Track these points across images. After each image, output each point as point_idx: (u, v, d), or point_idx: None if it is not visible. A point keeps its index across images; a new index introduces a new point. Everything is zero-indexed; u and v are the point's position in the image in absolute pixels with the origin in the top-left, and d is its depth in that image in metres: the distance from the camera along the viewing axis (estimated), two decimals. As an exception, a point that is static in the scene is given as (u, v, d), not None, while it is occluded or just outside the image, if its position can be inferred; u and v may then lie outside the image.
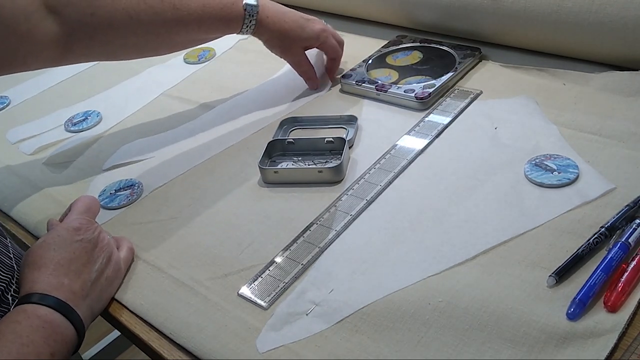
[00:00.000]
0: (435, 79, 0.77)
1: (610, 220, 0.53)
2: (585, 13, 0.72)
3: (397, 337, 0.48)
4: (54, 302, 0.50)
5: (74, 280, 0.53)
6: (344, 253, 0.57)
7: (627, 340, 0.45)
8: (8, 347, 0.46)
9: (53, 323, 0.49)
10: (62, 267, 0.53)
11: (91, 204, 0.61)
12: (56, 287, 0.51)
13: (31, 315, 0.49)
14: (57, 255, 0.54)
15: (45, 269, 0.52)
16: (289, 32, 0.77)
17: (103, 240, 0.58)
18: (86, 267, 0.54)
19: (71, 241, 0.55)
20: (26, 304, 0.50)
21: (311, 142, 0.71)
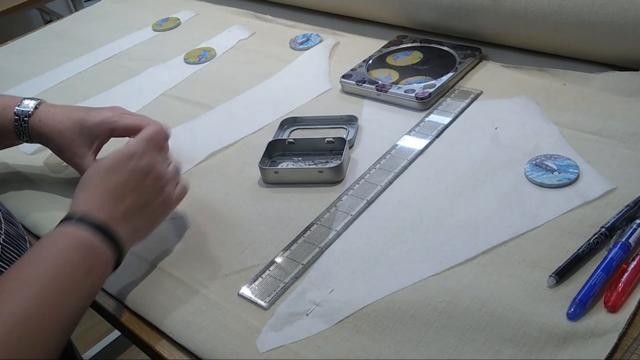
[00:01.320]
0: (436, 79, 0.77)
1: (610, 221, 0.53)
2: (586, 13, 0.72)
3: (398, 337, 0.48)
4: (94, 222, 0.51)
5: (118, 205, 0.54)
6: (345, 253, 0.57)
7: (628, 340, 0.45)
8: (45, 262, 0.48)
9: (91, 242, 0.50)
10: (108, 190, 0.54)
11: (156, 134, 0.60)
12: (98, 208, 0.52)
13: (70, 234, 0.50)
14: (106, 178, 0.54)
15: (92, 191, 0.54)
16: (65, 133, 0.66)
17: (156, 173, 0.57)
18: (132, 194, 0.55)
19: (122, 167, 0.55)
20: (67, 222, 0.51)
21: (311, 142, 0.71)
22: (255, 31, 1.04)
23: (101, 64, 1.04)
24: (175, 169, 0.61)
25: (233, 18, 1.10)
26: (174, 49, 1.03)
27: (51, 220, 0.69)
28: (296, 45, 0.96)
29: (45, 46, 1.15)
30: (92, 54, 1.07)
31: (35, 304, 0.45)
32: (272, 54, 0.95)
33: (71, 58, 1.07)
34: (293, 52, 0.95)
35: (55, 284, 0.47)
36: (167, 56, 1.01)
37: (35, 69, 1.05)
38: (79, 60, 1.06)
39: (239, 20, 1.09)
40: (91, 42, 1.12)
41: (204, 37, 1.04)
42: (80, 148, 0.67)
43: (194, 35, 1.06)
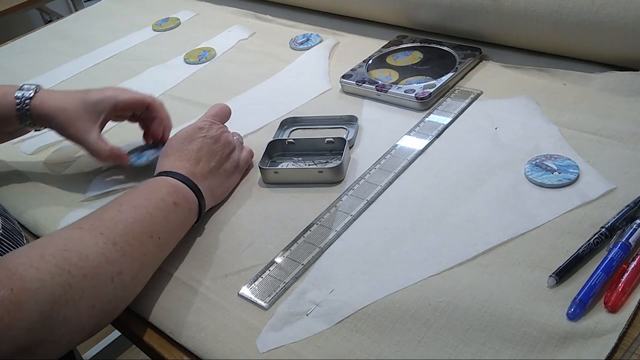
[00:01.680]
0: (436, 79, 0.77)
1: (610, 221, 0.53)
2: (586, 13, 0.72)
3: (398, 337, 0.48)
4: (177, 175, 0.60)
5: (194, 165, 0.63)
6: (345, 253, 0.57)
7: (628, 340, 0.45)
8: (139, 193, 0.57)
9: (177, 185, 0.60)
10: (185, 155, 0.64)
11: (221, 111, 0.70)
12: (179, 168, 0.62)
13: (159, 179, 0.60)
14: (182, 146, 0.64)
15: (172, 156, 0.64)
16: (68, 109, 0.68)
17: (224, 139, 0.67)
18: (206, 157, 0.64)
19: (195, 136, 0.65)
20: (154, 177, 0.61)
21: (311, 142, 0.71)
22: (255, 31, 1.04)
23: (101, 64, 1.04)
24: (240, 138, 0.72)
25: (233, 18, 1.10)
26: (174, 49, 1.03)
27: (51, 219, 0.69)
28: (296, 45, 0.96)
29: (45, 46, 1.15)
30: (92, 54, 1.07)
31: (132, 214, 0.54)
32: (272, 54, 0.95)
33: (71, 58, 1.07)
34: (293, 52, 0.95)
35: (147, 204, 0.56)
36: (167, 56, 1.01)
37: (35, 69, 1.05)
38: (79, 60, 1.06)
39: (239, 20, 1.09)
40: (91, 42, 1.12)
41: (204, 37, 1.05)
42: (85, 123, 0.69)
43: (194, 35, 1.07)
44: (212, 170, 0.64)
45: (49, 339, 0.44)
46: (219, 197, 0.66)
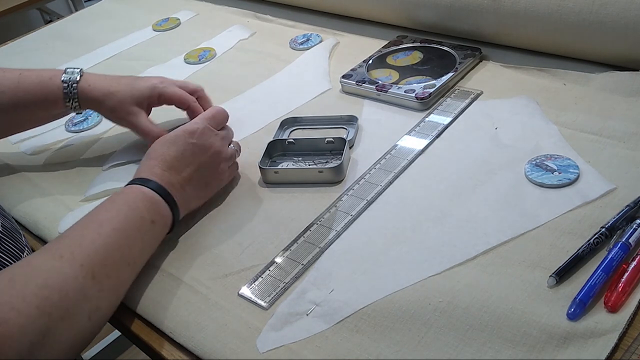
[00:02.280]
0: (436, 79, 0.77)
1: (610, 221, 0.53)
2: (586, 13, 0.72)
3: (398, 337, 0.48)
4: (154, 185, 0.58)
5: (174, 175, 0.60)
6: (345, 253, 0.57)
7: (628, 340, 0.45)
8: (118, 208, 0.56)
9: (153, 199, 0.58)
10: (167, 162, 0.61)
11: (218, 114, 0.67)
12: (158, 176, 0.59)
13: (136, 190, 0.58)
14: (167, 151, 0.62)
15: (154, 161, 0.61)
16: (116, 94, 0.71)
17: (214, 150, 0.64)
18: (189, 167, 0.62)
19: (183, 142, 0.62)
20: (133, 183, 0.59)
21: (312, 142, 0.71)
22: (256, 31, 1.04)
23: (101, 64, 1.04)
24: (235, 148, 0.68)
25: (233, 18, 1.10)
26: (174, 49, 1.03)
27: (51, 219, 0.69)
28: (296, 45, 0.96)
29: (45, 46, 1.15)
30: (92, 54, 1.07)
31: (113, 239, 0.53)
32: (272, 54, 0.95)
33: (71, 58, 1.07)
34: (293, 52, 0.95)
35: (126, 226, 0.54)
36: (167, 56, 1.01)
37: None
38: (79, 60, 1.06)
39: (239, 20, 1.09)
40: (91, 42, 1.12)
41: (204, 37, 1.05)
42: (133, 107, 0.71)
43: (194, 35, 1.07)
44: (192, 179, 0.62)
45: None
46: (193, 208, 0.64)
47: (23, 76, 0.70)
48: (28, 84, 0.70)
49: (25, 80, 0.70)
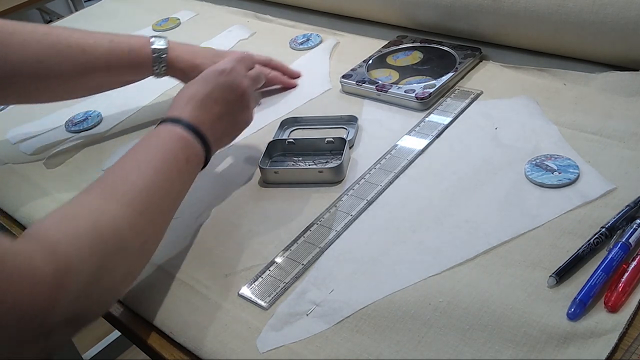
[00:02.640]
0: (436, 79, 0.77)
1: (610, 221, 0.53)
2: (586, 13, 0.72)
3: (398, 337, 0.48)
4: (186, 124, 0.60)
5: (204, 113, 0.62)
6: (345, 253, 0.57)
7: (628, 340, 0.45)
8: (155, 148, 0.58)
9: (186, 138, 0.60)
10: (197, 100, 0.63)
11: (246, 55, 0.71)
12: (189, 115, 0.61)
13: (170, 129, 0.60)
14: (197, 89, 0.64)
15: (184, 101, 0.63)
16: (201, 66, 0.74)
17: (242, 89, 0.66)
18: (218, 105, 0.64)
19: (212, 81, 0.65)
20: (165, 122, 0.61)
21: (312, 142, 0.71)
22: (256, 31, 1.04)
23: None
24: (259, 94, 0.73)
25: (233, 18, 1.10)
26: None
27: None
28: (296, 45, 0.96)
29: (45, 46, 1.15)
30: (92, 54, 1.07)
31: (153, 178, 0.55)
32: (272, 54, 0.95)
33: (71, 58, 1.07)
34: (293, 52, 0.95)
35: (164, 166, 0.56)
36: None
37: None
38: (79, 61, 1.06)
39: (239, 20, 1.09)
40: (91, 42, 1.11)
41: (204, 37, 1.04)
42: None
43: (194, 35, 1.06)
44: (221, 117, 0.64)
45: (90, 309, 0.47)
46: (223, 146, 0.67)
47: (114, 43, 0.74)
48: (120, 50, 0.74)
49: (116, 47, 0.74)
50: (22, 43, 0.69)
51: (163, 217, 0.56)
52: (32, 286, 0.40)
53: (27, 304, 0.40)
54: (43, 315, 0.41)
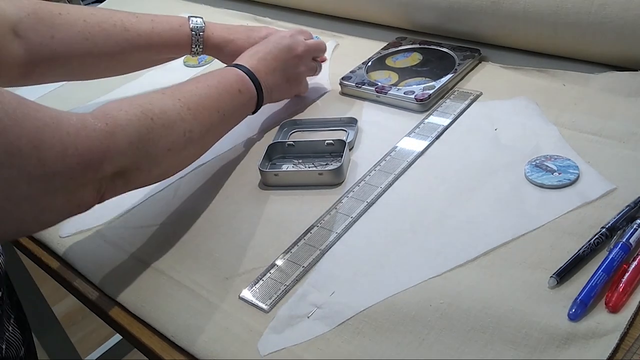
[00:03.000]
0: (435, 80, 0.77)
1: (611, 221, 0.53)
2: (585, 14, 0.72)
3: (399, 339, 0.48)
4: (244, 69, 0.71)
5: (261, 65, 0.73)
6: (345, 255, 0.57)
7: (629, 340, 0.45)
8: (213, 75, 0.68)
9: (242, 76, 0.70)
10: (258, 54, 0.74)
11: (304, 30, 0.82)
12: (248, 63, 0.72)
13: (230, 69, 0.71)
14: (258, 49, 0.75)
15: (247, 55, 0.74)
16: (236, 41, 0.81)
17: (298, 52, 0.77)
18: (275, 62, 0.75)
19: (274, 41, 0.76)
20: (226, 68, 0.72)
21: (311, 144, 0.71)
22: (255, 34, 1.04)
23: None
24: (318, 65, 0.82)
25: (232, 21, 1.10)
26: (173, 53, 1.03)
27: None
28: (295, 47, 0.96)
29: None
30: (91, 57, 1.07)
31: (206, 90, 0.64)
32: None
33: (71, 62, 1.07)
34: (292, 54, 0.94)
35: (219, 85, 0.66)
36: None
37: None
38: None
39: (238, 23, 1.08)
40: (91, 46, 1.11)
41: (204, 40, 1.04)
42: None
43: (194, 39, 1.06)
44: (275, 71, 0.74)
45: (136, 167, 0.55)
46: (274, 99, 0.77)
47: (155, 22, 0.79)
48: (161, 29, 0.79)
49: (157, 27, 0.79)
50: (69, 22, 0.73)
51: (210, 120, 0.64)
52: (87, 137, 0.50)
53: (84, 150, 0.49)
54: (98, 161, 0.51)
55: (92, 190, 0.52)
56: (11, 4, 0.70)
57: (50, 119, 0.48)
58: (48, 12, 0.72)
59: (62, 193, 0.49)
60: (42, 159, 0.46)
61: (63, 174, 0.48)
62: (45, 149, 0.46)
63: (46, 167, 0.47)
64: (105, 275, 0.61)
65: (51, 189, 0.48)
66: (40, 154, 0.46)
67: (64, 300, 1.82)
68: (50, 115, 0.48)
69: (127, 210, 0.69)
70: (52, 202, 0.49)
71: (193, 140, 0.61)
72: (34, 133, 0.46)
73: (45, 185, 0.47)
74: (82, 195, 0.51)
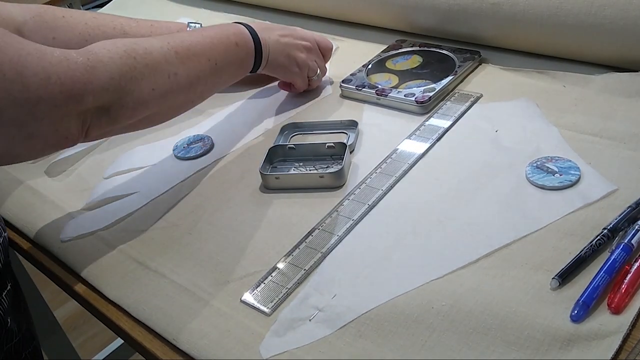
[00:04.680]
0: (435, 82, 0.77)
1: (612, 222, 0.53)
2: (584, 15, 0.72)
3: (401, 342, 0.48)
4: (247, 26, 0.72)
5: (268, 32, 0.75)
6: (347, 258, 0.57)
7: (632, 341, 0.45)
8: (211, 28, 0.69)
9: (243, 31, 0.71)
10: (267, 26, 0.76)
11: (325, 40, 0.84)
12: (254, 25, 0.74)
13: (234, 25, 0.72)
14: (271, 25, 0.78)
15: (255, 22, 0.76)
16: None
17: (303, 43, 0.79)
18: (282, 34, 0.77)
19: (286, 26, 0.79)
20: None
21: (312, 147, 0.71)
22: (255, 37, 1.04)
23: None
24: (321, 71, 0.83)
25: (232, 24, 1.10)
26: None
27: (54, 227, 0.69)
28: (296, 50, 0.96)
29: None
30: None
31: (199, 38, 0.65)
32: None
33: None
34: (292, 57, 0.95)
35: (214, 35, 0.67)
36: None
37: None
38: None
39: (238, 26, 1.09)
40: (91, 50, 1.12)
41: (204, 44, 1.04)
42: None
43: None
44: (277, 42, 0.75)
45: (119, 103, 0.57)
46: (271, 67, 0.76)
47: (154, 27, 0.81)
48: (159, 33, 0.80)
49: (156, 31, 0.80)
50: (71, 25, 0.76)
51: (198, 65, 0.64)
52: (69, 68, 0.52)
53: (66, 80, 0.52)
54: (80, 91, 0.53)
55: (77, 122, 0.54)
56: (19, 7, 0.72)
57: (34, 50, 0.51)
58: (52, 15, 0.74)
59: (47, 121, 0.52)
60: (25, 84, 0.49)
61: (47, 101, 0.51)
62: (28, 75, 0.50)
63: (30, 92, 0.50)
64: (107, 279, 0.61)
65: (37, 115, 0.51)
66: (23, 80, 0.49)
67: (65, 304, 1.82)
68: (34, 47, 0.52)
69: (128, 214, 0.69)
70: (38, 128, 0.52)
71: (180, 84, 0.62)
72: (16, 59, 0.49)
73: (30, 110, 0.50)
74: (67, 126, 0.54)
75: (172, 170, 0.75)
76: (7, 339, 0.65)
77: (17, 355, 0.68)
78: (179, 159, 0.77)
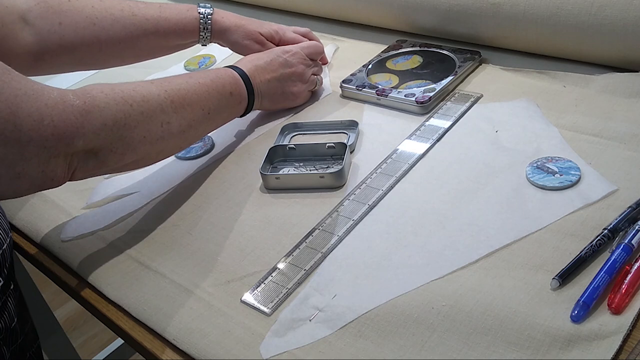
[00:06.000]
0: (436, 82, 0.77)
1: (612, 222, 0.53)
2: (585, 15, 0.72)
3: (401, 342, 0.48)
4: (240, 71, 0.73)
5: (259, 73, 0.75)
6: (347, 258, 0.57)
7: (632, 341, 0.45)
8: (207, 75, 0.69)
9: (236, 78, 0.72)
10: (257, 62, 0.76)
11: (314, 46, 0.83)
12: (246, 68, 0.74)
13: (226, 70, 0.73)
14: (260, 56, 0.78)
15: (248, 59, 0.77)
16: (247, 26, 0.81)
17: (297, 69, 0.79)
18: (272, 73, 0.77)
19: (276, 54, 0.78)
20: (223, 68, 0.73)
21: (312, 147, 0.71)
22: (255, 37, 1.04)
23: (100, 71, 1.03)
24: (318, 79, 0.83)
25: (232, 25, 1.10)
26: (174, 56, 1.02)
27: (54, 227, 0.69)
28: (296, 50, 0.96)
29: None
30: (92, 62, 1.07)
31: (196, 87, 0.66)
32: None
33: (71, 66, 1.07)
34: (293, 57, 0.94)
35: (210, 84, 0.68)
36: (167, 63, 1.01)
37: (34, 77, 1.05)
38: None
39: (238, 26, 1.09)
40: (91, 50, 1.12)
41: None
42: (261, 37, 0.82)
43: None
44: (270, 82, 0.76)
45: (108, 148, 0.56)
46: (265, 107, 0.79)
47: (163, 8, 0.80)
48: (168, 14, 0.79)
49: (165, 12, 0.79)
50: (77, 8, 0.74)
51: (192, 116, 0.64)
52: (64, 111, 0.52)
53: (60, 123, 0.52)
54: (71, 135, 0.53)
55: (64, 164, 0.54)
56: None
57: (31, 90, 0.51)
58: (57, 0, 0.74)
59: (36, 161, 0.52)
60: (18, 125, 0.49)
61: (37, 142, 0.51)
62: (22, 116, 0.50)
63: (22, 133, 0.50)
64: (107, 279, 0.61)
65: (26, 156, 0.51)
66: (16, 120, 0.49)
67: (65, 304, 1.82)
68: (32, 87, 0.52)
69: (129, 214, 0.69)
70: (26, 168, 0.51)
71: (171, 133, 0.62)
72: (12, 99, 0.49)
73: (20, 150, 0.50)
74: (54, 167, 0.53)
75: (173, 170, 0.75)
76: (13, 339, 0.65)
77: (22, 355, 0.68)
78: (180, 159, 0.77)
